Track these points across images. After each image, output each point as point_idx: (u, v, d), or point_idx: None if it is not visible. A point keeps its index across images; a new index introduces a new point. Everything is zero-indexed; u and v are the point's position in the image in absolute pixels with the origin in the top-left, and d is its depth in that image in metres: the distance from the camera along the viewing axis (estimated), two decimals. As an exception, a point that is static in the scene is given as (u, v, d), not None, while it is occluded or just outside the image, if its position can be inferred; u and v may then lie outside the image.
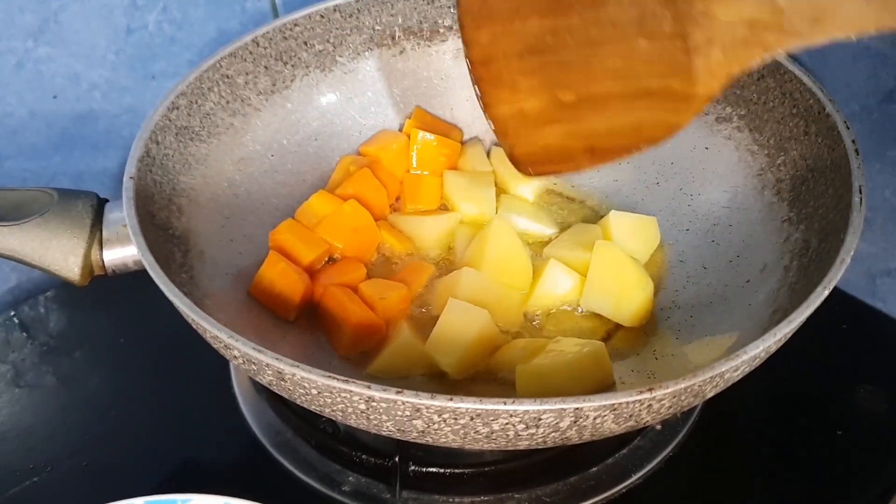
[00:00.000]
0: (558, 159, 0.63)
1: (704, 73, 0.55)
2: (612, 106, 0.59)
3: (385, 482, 0.65)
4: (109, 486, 0.67)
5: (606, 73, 0.58)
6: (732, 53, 0.53)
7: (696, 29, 0.54)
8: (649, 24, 0.55)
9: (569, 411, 0.47)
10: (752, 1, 0.51)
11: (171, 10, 0.81)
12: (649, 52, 0.56)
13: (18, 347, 0.80)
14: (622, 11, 0.56)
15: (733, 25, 0.52)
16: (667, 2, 0.54)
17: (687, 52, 0.54)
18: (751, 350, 0.49)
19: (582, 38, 0.58)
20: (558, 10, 0.58)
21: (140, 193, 0.62)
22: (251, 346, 0.50)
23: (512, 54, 0.60)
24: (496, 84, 0.62)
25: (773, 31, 0.51)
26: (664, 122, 0.58)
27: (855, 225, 0.56)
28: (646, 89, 0.57)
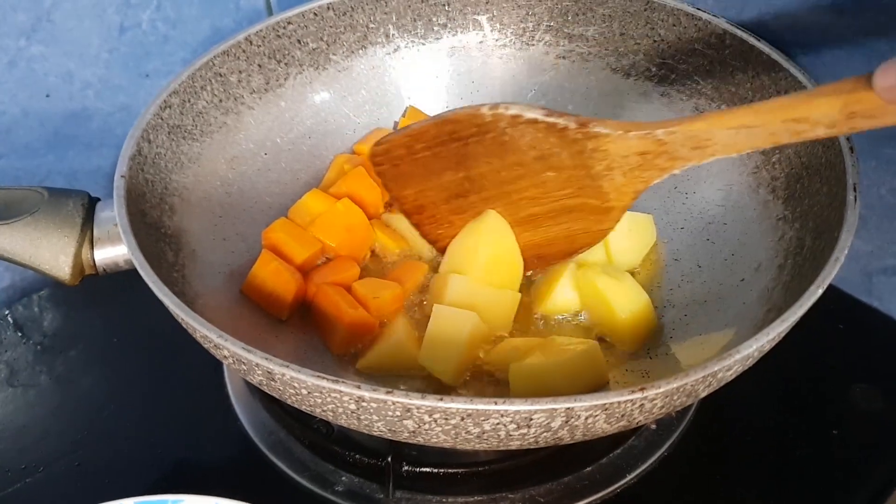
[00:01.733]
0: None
1: (613, 191, 0.61)
2: (542, 224, 0.66)
3: (378, 482, 0.65)
4: (102, 486, 0.67)
5: (527, 200, 0.65)
6: (632, 175, 0.60)
7: (594, 161, 0.60)
8: (551, 160, 0.61)
9: (560, 411, 0.46)
10: (637, 139, 0.58)
11: (165, 9, 0.81)
12: (559, 180, 0.62)
13: (12, 347, 0.79)
14: (523, 154, 0.62)
15: (626, 156, 0.59)
16: (561, 144, 0.60)
17: (592, 178, 0.61)
18: (744, 349, 0.49)
19: (496, 179, 0.64)
20: (467, 163, 0.64)
21: (131, 192, 0.62)
22: (240, 345, 0.50)
23: (439, 201, 0.68)
24: (434, 225, 0.70)
25: (662, 158, 0.58)
26: (591, 230, 0.65)
27: (850, 223, 0.56)
28: (566, 207, 0.64)
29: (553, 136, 0.60)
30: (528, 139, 0.61)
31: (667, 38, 0.76)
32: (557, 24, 0.80)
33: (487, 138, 0.62)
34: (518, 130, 0.60)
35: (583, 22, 0.79)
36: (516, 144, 0.61)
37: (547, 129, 0.59)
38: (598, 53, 0.79)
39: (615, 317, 0.65)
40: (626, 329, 0.65)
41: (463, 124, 0.62)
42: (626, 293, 0.66)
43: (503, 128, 0.61)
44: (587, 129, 0.58)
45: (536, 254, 0.68)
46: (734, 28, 0.71)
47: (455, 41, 0.83)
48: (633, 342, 0.66)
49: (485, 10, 0.82)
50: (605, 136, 0.58)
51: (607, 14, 0.78)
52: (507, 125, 0.60)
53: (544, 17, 0.80)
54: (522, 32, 0.82)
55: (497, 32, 0.82)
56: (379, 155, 0.67)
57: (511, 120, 0.60)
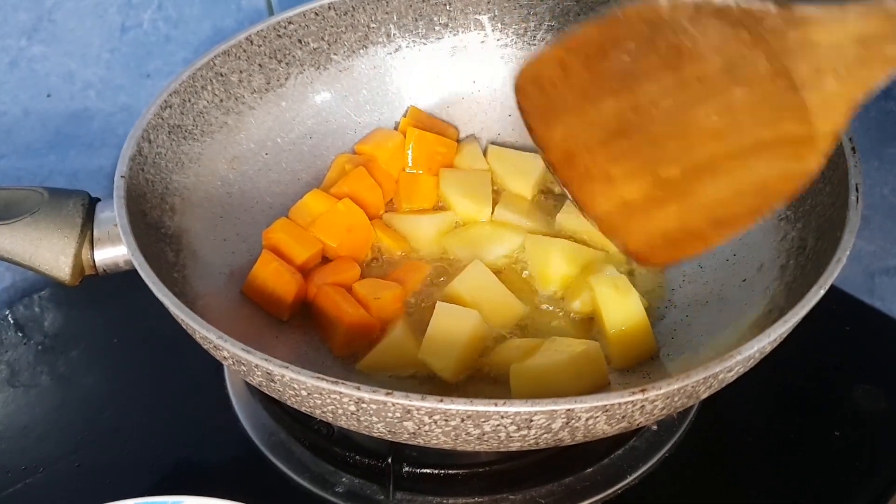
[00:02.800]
0: (682, 240, 0.56)
1: (821, 108, 0.48)
2: (726, 169, 0.52)
3: (378, 483, 0.64)
4: (102, 487, 0.67)
5: (708, 135, 0.51)
6: (849, 78, 0.46)
7: (798, 62, 0.47)
8: (742, 69, 0.48)
9: (560, 412, 0.46)
10: (856, 16, 0.44)
11: (167, 9, 0.81)
12: (751, 101, 0.49)
13: (13, 347, 0.79)
14: (706, 64, 0.49)
15: (842, 47, 0.45)
16: (755, 41, 0.47)
17: (794, 90, 0.48)
18: (745, 350, 0.49)
19: (669, 105, 0.51)
20: (633, 84, 0.51)
21: (132, 192, 0.62)
22: (240, 346, 0.50)
23: (595, 144, 0.54)
24: (588, 181, 0.56)
25: (892, 43, 0.44)
26: (791, 173, 0.51)
27: (852, 223, 0.56)
28: (759, 142, 0.50)
29: (746, 29, 0.47)
30: (714, 39, 0.48)
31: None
32: (559, 24, 0.80)
33: (661, 43, 0.49)
34: (701, 27, 0.48)
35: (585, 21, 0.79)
36: (698, 49, 0.48)
37: (739, 18, 0.47)
38: (600, 53, 0.79)
39: (605, 330, 0.64)
40: (615, 345, 0.64)
41: (631, 25, 0.49)
42: (621, 308, 0.63)
43: (682, 25, 0.48)
44: (791, 14, 0.45)
45: (713, 216, 0.54)
46: None
47: (456, 41, 0.82)
48: (622, 359, 0.64)
49: (486, 10, 0.81)
50: (815, 21, 0.45)
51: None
52: (688, 20, 0.48)
53: (546, 16, 0.80)
54: (524, 32, 0.82)
55: (498, 32, 0.82)
56: (527, 80, 0.54)
57: (694, 11, 0.47)
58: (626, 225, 0.56)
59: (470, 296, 0.68)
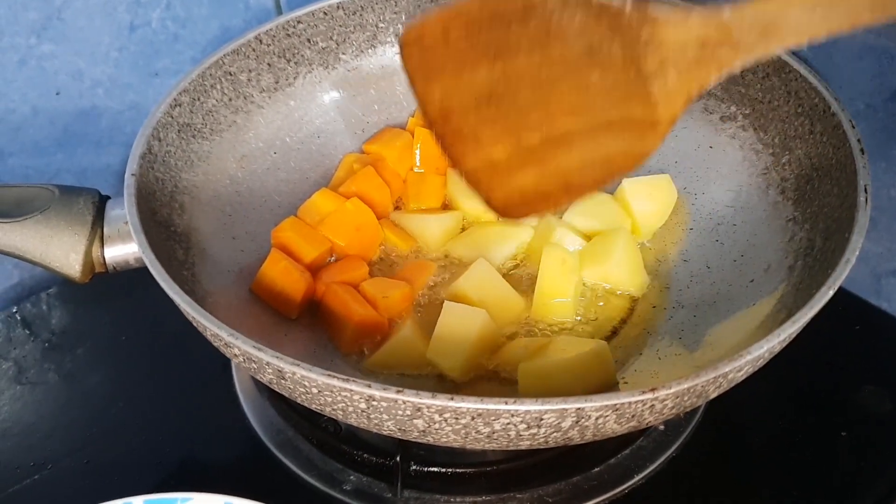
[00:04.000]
0: (535, 200, 0.61)
1: (663, 96, 0.55)
2: (578, 141, 0.58)
3: (386, 481, 0.65)
4: (110, 483, 0.67)
5: (566, 109, 0.57)
6: (688, 74, 0.53)
7: (648, 54, 0.54)
8: (599, 55, 0.55)
9: (571, 411, 0.46)
10: (697, 21, 0.52)
11: (175, 8, 0.81)
12: (604, 84, 0.56)
13: (20, 344, 0.79)
14: (569, 46, 0.55)
15: (684, 46, 0.53)
16: (613, 30, 0.54)
17: (642, 79, 0.54)
18: (754, 351, 0.49)
19: (534, 79, 0.57)
20: (505, 56, 0.57)
21: (142, 190, 0.62)
22: (251, 344, 0.50)
23: (469, 106, 0.59)
24: (459, 139, 0.61)
25: (724, 47, 0.52)
26: (632, 151, 0.58)
27: (860, 224, 0.56)
28: (608, 120, 0.57)
29: (605, 21, 0.54)
30: (577, 25, 0.54)
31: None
32: (567, 24, 0.80)
33: (532, 22, 0.55)
34: (568, 13, 0.54)
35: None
36: (563, 32, 0.55)
37: (600, 10, 0.53)
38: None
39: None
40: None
41: (508, 3, 0.55)
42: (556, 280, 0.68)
43: (551, 10, 0.54)
44: (644, 13, 0.53)
45: (564, 182, 0.60)
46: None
47: (464, 41, 0.82)
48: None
49: (494, 10, 0.81)
50: (663, 21, 0.52)
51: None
52: (556, 6, 0.54)
53: (554, 17, 0.80)
54: (531, 32, 0.82)
55: (506, 32, 0.82)
56: (411, 39, 0.59)
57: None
58: (489, 181, 0.61)
59: (476, 295, 0.68)
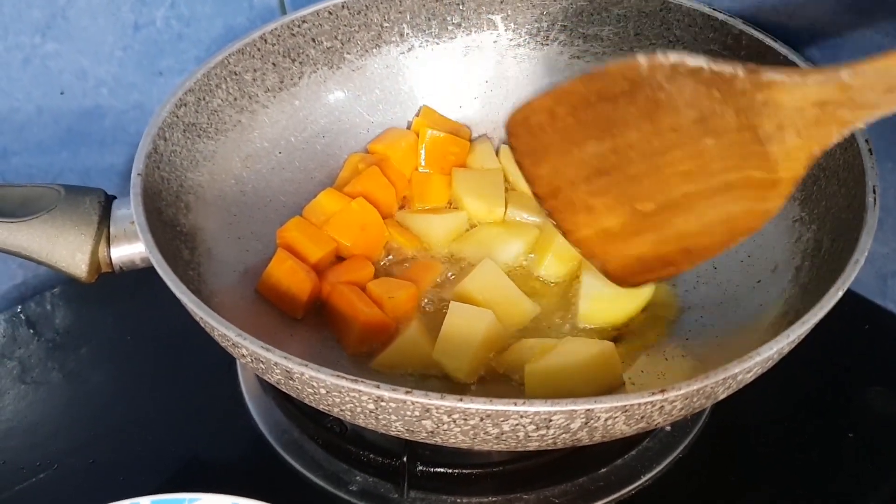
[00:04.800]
0: (655, 267, 0.61)
1: (783, 158, 0.53)
2: (696, 206, 0.57)
3: (392, 482, 0.65)
4: (115, 483, 0.67)
5: (680, 176, 0.56)
6: (808, 134, 0.51)
7: (763, 119, 0.51)
8: (712, 121, 0.53)
9: (580, 412, 0.46)
10: (815, 83, 0.49)
11: (179, 7, 0.81)
12: (719, 149, 0.54)
13: (24, 344, 0.79)
14: (680, 116, 0.53)
15: (802, 108, 0.50)
16: (725, 98, 0.52)
17: (759, 142, 0.52)
18: (764, 352, 0.49)
19: (645, 149, 0.56)
20: (613, 130, 0.56)
21: (148, 190, 0.62)
22: (259, 344, 0.50)
23: (578, 181, 0.59)
24: (571, 211, 0.61)
25: (846, 108, 0.49)
26: (755, 211, 0.56)
27: (869, 225, 0.56)
28: (726, 183, 0.55)
29: (717, 88, 0.52)
30: (688, 95, 0.53)
31: (682, 39, 0.75)
32: (572, 24, 0.80)
33: (640, 97, 0.54)
34: (676, 85, 0.53)
35: (598, 22, 0.79)
36: (673, 103, 0.53)
37: (711, 79, 0.51)
38: (613, 54, 0.79)
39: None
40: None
41: (614, 80, 0.54)
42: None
43: (659, 82, 0.53)
44: (758, 77, 0.51)
45: (686, 246, 0.59)
46: (751, 28, 0.71)
47: (469, 40, 0.82)
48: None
49: (499, 10, 0.81)
50: (779, 85, 0.50)
51: (622, 14, 0.78)
52: (665, 78, 0.53)
53: (559, 16, 0.80)
54: (537, 32, 0.82)
55: (511, 32, 0.82)
56: (517, 124, 0.59)
57: (670, 71, 0.52)
58: (604, 250, 0.62)
59: (481, 295, 0.68)
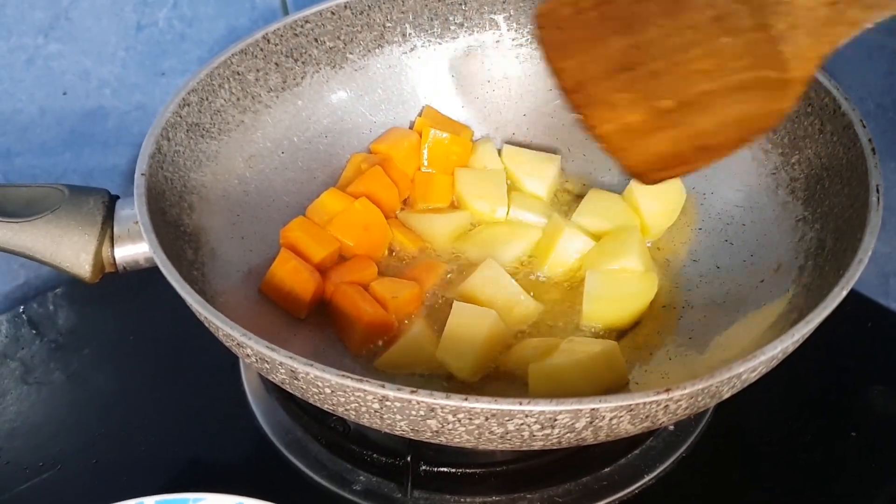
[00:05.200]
0: (673, 163, 0.62)
1: (794, 58, 0.54)
2: (713, 104, 0.58)
3: (396, 481, 0.65)
4: (119, 483, 0.67)
5: (698, 74, 0.58)
6: (818, 34, 0.53)
7: (776, 18, 0.53)
8: (728, 21, 0.55)
9: (585, 412, 0.46)
10: None
11: (182, 7, 0.81)
12: (735, 48, 0.56)
13: (27, 344, 0.79)
14: (698, 14, 0.55)
15: (813, 9, 0.52)
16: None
17: (772, 42, 0.54)
18: (768, 351, 0.49)
19: (665, 46, 0.58)
20: (635, 27, 0.58)
21: (151, 190, 0.62)
22: (264, 344, 0.50)
23: (601, 76, 0.61)
24: (594, 106, 0.62)
25: (856, 7, 0.51)
26: (769, 110, 0.57)
27: (872, 224, 0.56)
28: (741, 82, 0.57)
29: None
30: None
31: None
32: (575, 24, 0.80)
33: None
34: None
35: (600, 22, 0.79)
36: (691, 1, 0.56)
37: None
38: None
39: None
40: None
41: None
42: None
43: None
44: None
45: (703, 143, 0.61)
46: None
47: (471, 40, 0.82)
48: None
49: (501, 10, 0.81)
50: None
51: (625, 14, 0.78)
52: None
53: (561, 16, 0.80)
54: (539, 32, 0.81)
55: (514, 32, 0.82)
56: (543, 16, 0.61)
57: None
58: (625, 145, 0.63)
59: (485, 295, 0.68)
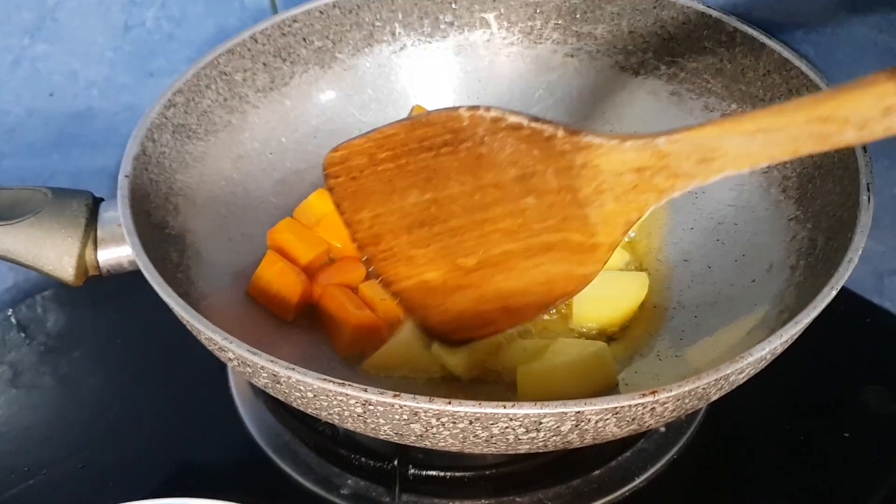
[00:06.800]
0: (476, 324, 0.61)
1: (601, 223, 0.54)
2: (517, 265, 0.57)
3: (384, 485, 0.64)
4: (106, 488, 0.66)
5: (502, 233, 0.56)
6: (625, 200, 0.52)
7: (582, 181, 0.52)
8: (533, 180, 0.54)
9: (570, 415, 0.46)
10: (633, 150, 0.50)
11: (170, 7, 0.81)
12: (540, 208, 0.54)
13: (16, 347, 0.79)
14: (502, 172, 0.54)
15: (620, 173, 0.51)
16: (546, 158, 0.52)
17: (578, 205, 0.53)
18: (756, 352, 0.48)
19: (468, 204, 0.56)
20: (435, 181, 0.56)
21: (136, 192, 0.61)
22: (245, 348, 0.49)
23: (399, 230, 0.58)
24: (392, 261, 0.60)
25: (662, 176, 0.50)
26: (573, 275, 0.57)
27: (863, 223, 0.55)
28: (546, 244, 0.56)
29: (537, 147, 0.52)
30: (509, 152, 0.53)
31: (676, 36, 0.75)
32: (566, 22, 0.79)
33: (462, 149, 0.54)
34: (498, 140, 0.53)
35: (591, 20, 0.78)
36: (495, 159, 0.54)
37: (531, 137, 0.52)
38: (607, 52, 0.79)
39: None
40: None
41: (436, 129, 0.54)
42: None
43: (481, 136, 0.53)
44: (577, 139, 0.51)
45: (504, 305, 0.60)
46: (745, 26, 0.70)
47: (462, 39, 0.82)
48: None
49: (492, 8, 0.81)
50: (597, 148, 0.51)
51: (616, 12, 0.77)
52: (486, 132, 0.53)
53: (552, 14, 0.80)
54: (530, 31, 0.81)
55: (504, 31, 0.82)
56: (335, 164, 0.57)
57: (491, 125, 0.52)
58: (424, 304, 0.61)
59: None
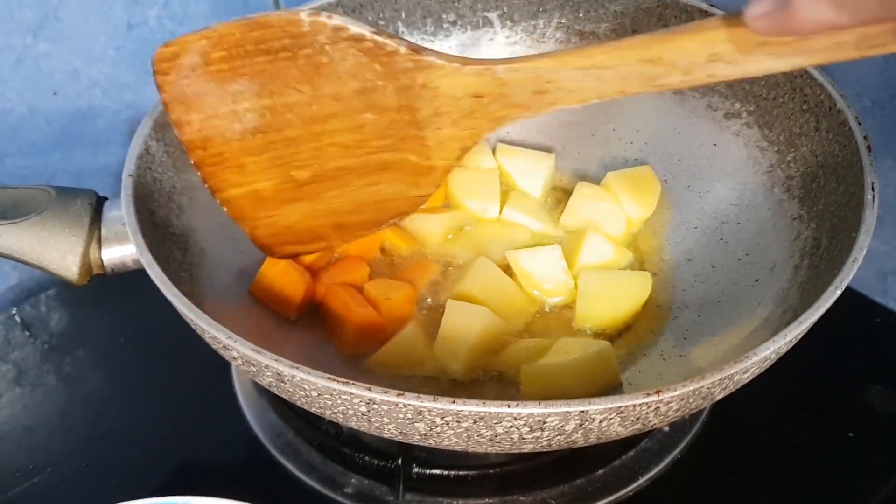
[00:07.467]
0: (306, 239, 0.61)
1: (437, 146, 0.54)
2: (351, 181, 0.57)
3: (388, 484, 0.64)
4: (110, 487, 0.66)
5: (338, 148, 0.55)
6: (462, 124, 0.52)
7: (422, 102, 0.52)
8: (373, 95, 0.53)
9: (574, 414, 0.46)
10: (473, 74, 0.50)
11: (172, 6, 0.81)
12: (378, 126, 0.54)
13: (19, 346, 0.79)
14: (342, 84, 0.53)
15: (458, 97, 0.51)
16: (387, 74, 0.52)
17: (417, 126, 0.53)
18: (761, 352, 0.48)
19: (304, 114, 0.54)
20: (272, 87, 0.54)
21: (139, 191, 0.61)
22: (250, 346, 0.49)
23: (231, 136, 0.56)
24: (220, 167, 0.58)
25: (498, 104, 0.51)
26: (406, 196, 0.57)
27: (868, 223, 0.55)
28: (382, 162, 0.55)
29: (379, 62, 0.51)
30: (350, 64, 0.52)
31: (680, 36, 0.75)
32: (569, 21, 0.79)
33: (301, 56, 0.52)
34: (339, 50, 0.51)
35: (594, 19, 0.78)
36: (335, 70, 0.52)
37: (373, 50, 0.51)
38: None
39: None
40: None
41: (274, 32, 0.51)
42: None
43: (322, 44, 0.51)
44: (419, 57, 0.51)
45: (336, 221, 0.59)
46: (749, 25, 0.70)
47: (465, 38, 0.82)
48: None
49: (495, 7, 0.81)
50: (439, 69, 0.51)
51: (619, 11, 0.77)
52: (328, 41, 0.51)
53: (556, 13, 0.80)
54: (533, 30, 0.81)
55: (507, 30, 0.82)
56: (165, 60, 0.54)
57: (332, 34, 0.51)
58: (254, 214, 0.60)
59: (481, 294, 0.67)
